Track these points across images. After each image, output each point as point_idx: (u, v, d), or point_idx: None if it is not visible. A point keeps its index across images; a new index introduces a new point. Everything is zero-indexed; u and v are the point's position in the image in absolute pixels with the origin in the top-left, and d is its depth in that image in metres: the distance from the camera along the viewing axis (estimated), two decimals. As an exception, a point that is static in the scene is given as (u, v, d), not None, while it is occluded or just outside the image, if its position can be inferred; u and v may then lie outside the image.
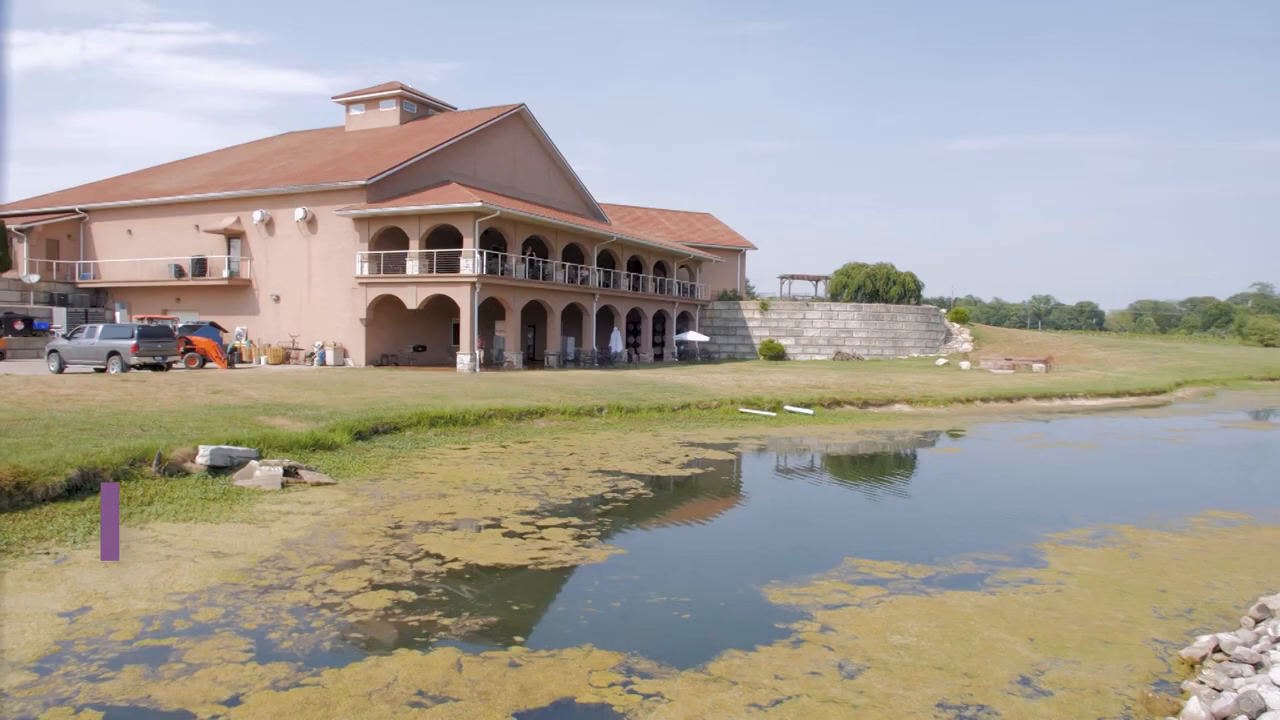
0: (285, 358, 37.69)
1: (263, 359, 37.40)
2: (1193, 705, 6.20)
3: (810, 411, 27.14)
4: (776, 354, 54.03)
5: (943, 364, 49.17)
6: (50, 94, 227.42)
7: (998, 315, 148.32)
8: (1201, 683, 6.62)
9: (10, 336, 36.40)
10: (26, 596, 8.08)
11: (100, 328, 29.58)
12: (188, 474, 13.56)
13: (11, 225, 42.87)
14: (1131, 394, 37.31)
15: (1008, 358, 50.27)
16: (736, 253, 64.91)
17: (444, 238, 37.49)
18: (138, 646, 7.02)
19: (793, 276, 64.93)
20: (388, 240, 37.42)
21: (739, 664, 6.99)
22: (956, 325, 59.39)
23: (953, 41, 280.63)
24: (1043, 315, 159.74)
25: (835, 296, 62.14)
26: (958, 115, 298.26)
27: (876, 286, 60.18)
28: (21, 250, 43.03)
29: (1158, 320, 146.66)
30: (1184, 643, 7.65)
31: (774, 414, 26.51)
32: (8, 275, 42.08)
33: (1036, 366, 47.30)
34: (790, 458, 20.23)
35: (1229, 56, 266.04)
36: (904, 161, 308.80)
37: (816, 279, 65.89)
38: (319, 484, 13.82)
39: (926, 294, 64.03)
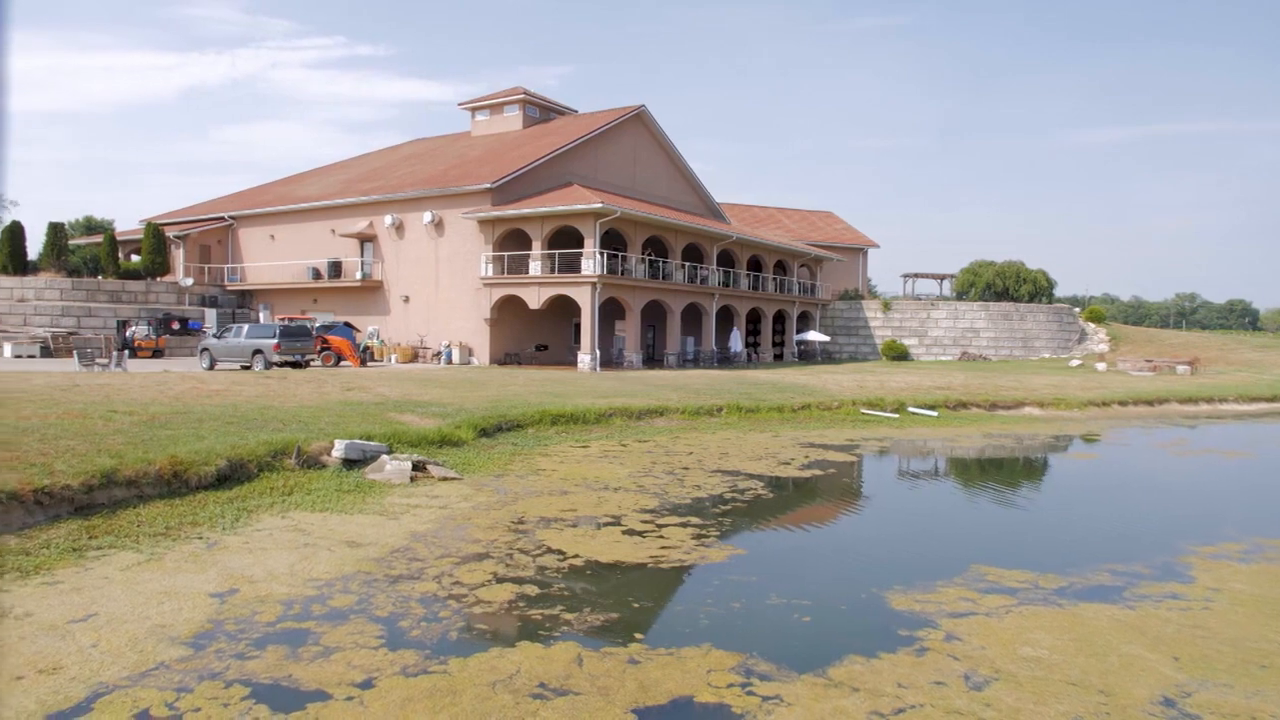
0: (414, 356, 39.10)
1: (393, 357, 38.90)
2: (1360, 735, 5.74)
3: (934, 413, 26.38)
4: (899, 354, 52.75)
5: (1076, 365, 46.95)
6: (202, 110, 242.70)
7: (1137, 314, 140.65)
8: (1370, 712, 6.12)
9: (168, 335, 39.01)
10: (183, 577, 8.66)
11: (246, 327, 31.39)
12: (324, 467, 14.24)
13: (169, 233, 46.00)
14: (1290, 399, 34.71)
15: (1148, 359, 47.59)
16: (858, 251, 63.69)
17: (565, 239, 38.14)
18: (280, 628, 7.42)
19: (916, 275, 63.25)
20: (511, 242, 38.32)
21: (860, 670, 6.86)
22: (1091, 325, 56.59)
23: (1080, 30, 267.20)
24: (1187, 314, 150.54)
25: (961, 295, 60.24)
26: (1089, 105, 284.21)
27: (1006, 285, 58.01)
28: (178, 256, 46.09)
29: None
30: (1350, 668, 7.08)
31: (896, 415, 25.87)
32: (165, 279, 45.15)
33: (1180, 368, 44.59)
34: (913, 460, 19.72)
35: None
36: (1033, 154, 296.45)
37: (941, 277, 64.01)
38: (445, 479, 14.28)
39: (1059, 292, 61.40)
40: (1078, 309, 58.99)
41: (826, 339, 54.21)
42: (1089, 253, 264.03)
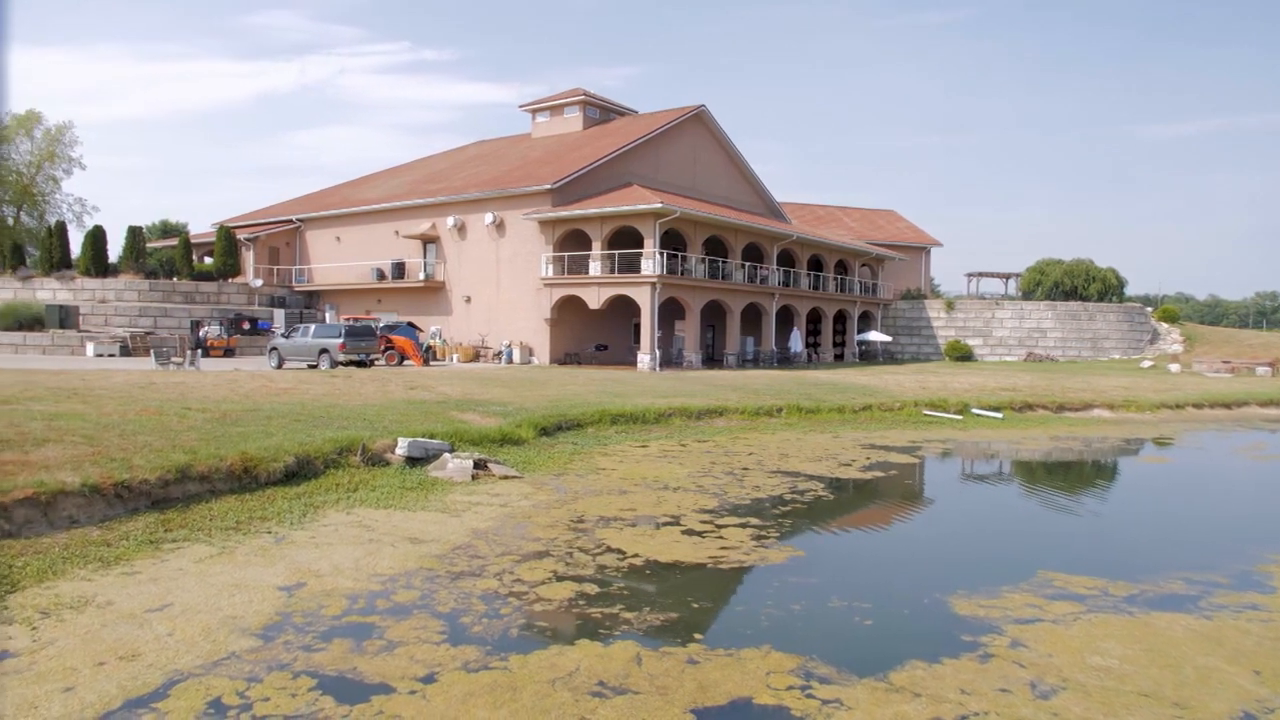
0: (475, 356, 39.57)
1: (454, 357, 39.42)
2: None
3: (999, 415, 25.86)
4: (963, 355, 51.83)
5: (1148, 366, 45.60)
6: (273, 116, 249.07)
7: (1214, 314, 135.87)
8: None
9: (239, 335, 40.10)
10: (253, 570, 8.90)
11: (313, 327, 32.07)
12: (388, 464, 14.50)
13: (240, 235, 47.29)
14: (1378, 402, 33.19)
15: (1225, 360, 45.99)
16: (920, 250, 62.69)
17: (625, 239, 38.24)
18: (345, 622, 7.58)
19: (980, 274, 62.11)
20: (571, 242, 38.56)
21: (922, 675, 6.76)
22: (1165, 325, 54.89)
23: (1148, 22, 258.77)
24: (1268, 314, 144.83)
25: (1028, 295, 58.94)
26: (1159, 99, 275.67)
27: (1074, 284, 56.61)
28: (248, 257, 47.35)
29: None
30: None
31: (960, 417, 25.43)
32: (236, 280, 46.41)
33: (1260, 370, 42.99)
34: (977, 463, 19.36)
35: None
36: (1102, 150, 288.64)
37: (1006, 276, 62.75)
38: (506, 477, 14.43)
39: (1130, 291, 59.75)
40: (1150, 308, 57.30)
41: (888, 339, 53.49)
42: (1162, 251, 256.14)
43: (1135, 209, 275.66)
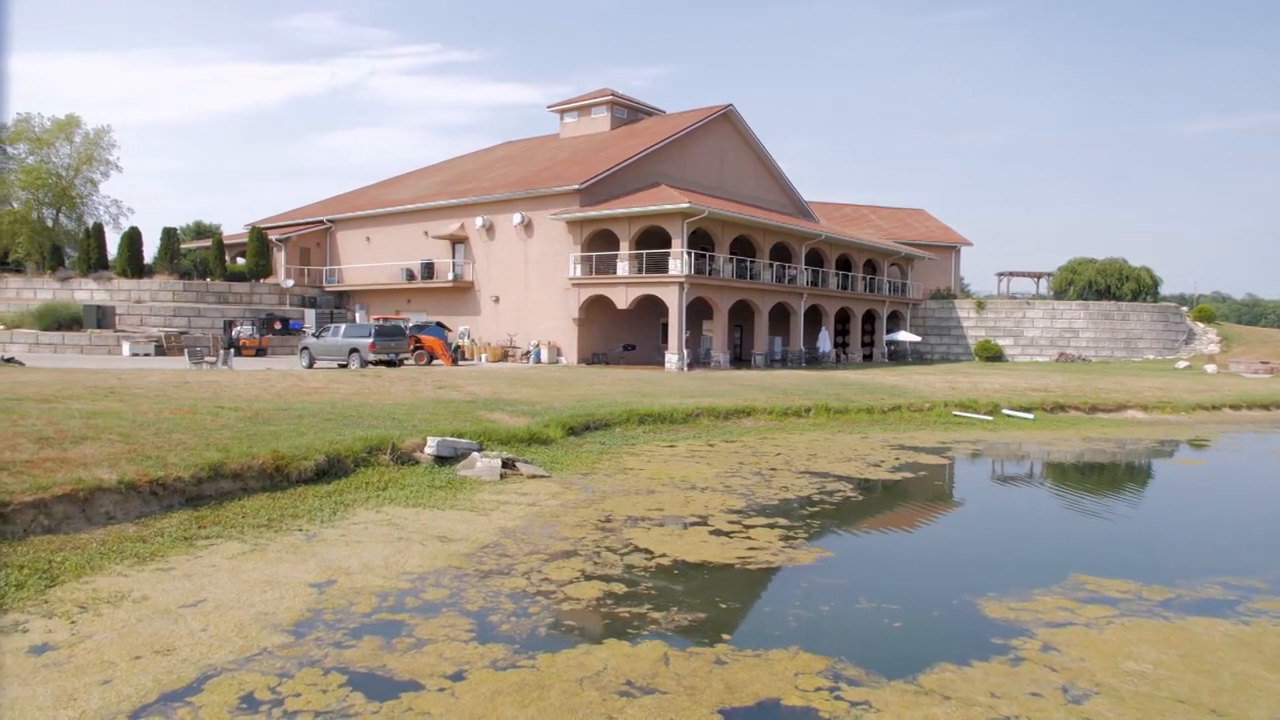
0: (503, 355, 39.75)
1: (483, 356, 39.62)
2: None
3: (1031, 416, 25.58)
4: (993, 355, 51.35)
5: (1183, 367, 44.89)
6: (304, 118, 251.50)
7: (1252, 313, 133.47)
8: None
9: (270, 335, 40.55)
10: (284, 567, 9.00)
11: (343, 327, 32.36)
12: (417, 463, 14.60)
13: (272, 236, 47.81)
14: None
15: (1264, 360, 45.15)
16: (950, 249, 62.15)
17: (653, 239, 38.24)
18: (375, 619, 7.65)
19: (1011, 274, 61.56)
20: (599, 242, 38.61)
21: (952, 678, 6.71)
22: (1200, 325, 54.01)
23: (1176, 19, 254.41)
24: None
25: (1059, 294, 58.24)
26: (1191, 97, 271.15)
27: (1107, 283, 55.86)
28: (279, 258, 47.86)
29: None
30: None
31: (990, 418, 25.18)
32: (268, 280, 46.92)
33: (1301, 371, 42.16)
34: (1008, 464, 19.16)
35: None
36: (1135, 148, 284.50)
37: (1038, 276, 62.10)
38: (534, 476, 14.48)
39: (1165, 290, 58.83)
40: (1185, 308, 56.44)
41: (917, 339, 53.09)
42: (1198, 249, 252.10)
43: (1170, 207, 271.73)
